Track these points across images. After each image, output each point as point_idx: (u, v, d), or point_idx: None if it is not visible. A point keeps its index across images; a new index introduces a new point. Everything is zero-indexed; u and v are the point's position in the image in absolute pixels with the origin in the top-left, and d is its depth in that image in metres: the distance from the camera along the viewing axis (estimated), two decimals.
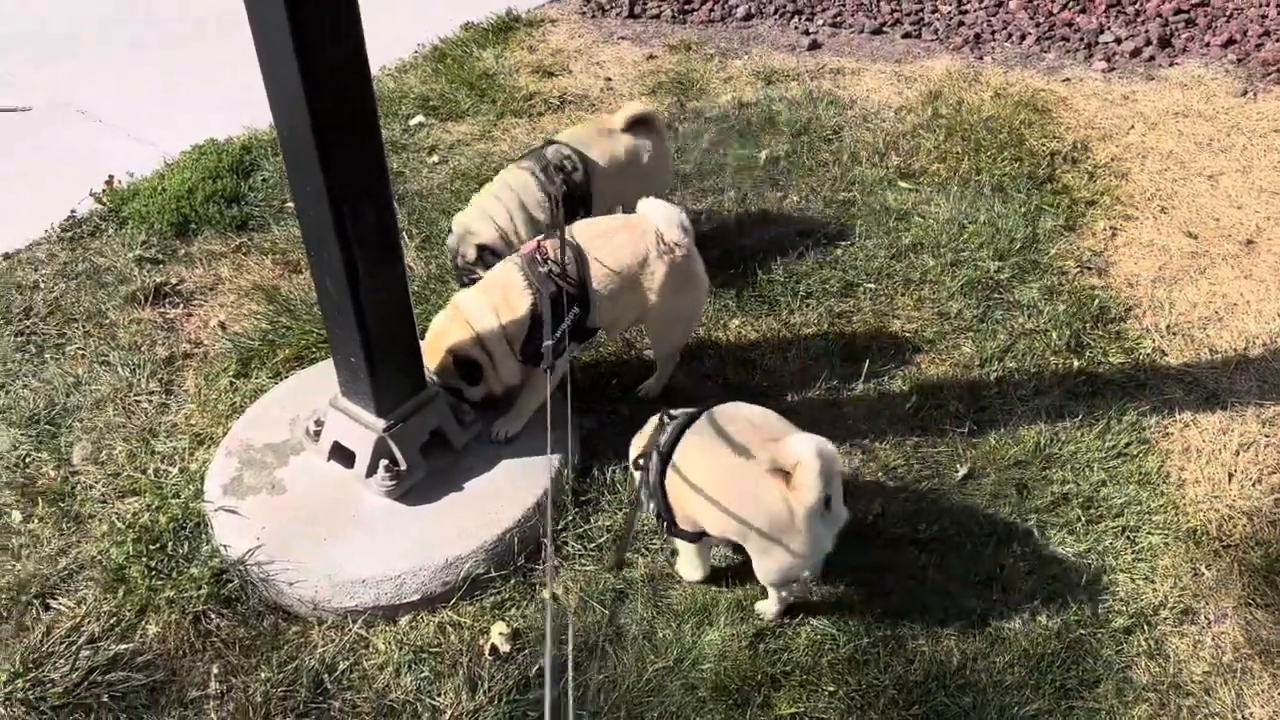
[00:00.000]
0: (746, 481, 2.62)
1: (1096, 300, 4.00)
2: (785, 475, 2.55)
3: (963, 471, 3.32)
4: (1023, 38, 5.95)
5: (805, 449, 2.51)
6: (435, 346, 3.25)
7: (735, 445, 2.68)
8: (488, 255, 3.60)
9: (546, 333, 3.06)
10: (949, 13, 6.23)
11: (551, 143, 3.84)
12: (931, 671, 2.77)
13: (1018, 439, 3.43)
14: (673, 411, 2.90)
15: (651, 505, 2.87)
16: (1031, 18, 6.12)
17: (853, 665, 2.79)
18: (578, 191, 3.75)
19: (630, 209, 3.87)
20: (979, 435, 3.46)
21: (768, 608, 2.88)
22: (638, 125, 3.89)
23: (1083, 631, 2.88)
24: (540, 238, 3.31)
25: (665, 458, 2.79)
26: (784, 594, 2.84)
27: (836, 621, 2.89)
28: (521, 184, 3.70)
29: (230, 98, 5.21)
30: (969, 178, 4.68)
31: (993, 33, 6.02)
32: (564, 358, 3.26)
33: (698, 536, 2.81)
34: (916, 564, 3.05)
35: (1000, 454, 3.38)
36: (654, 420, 2.93)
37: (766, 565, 2.71)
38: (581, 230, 3.30)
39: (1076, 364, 3.72)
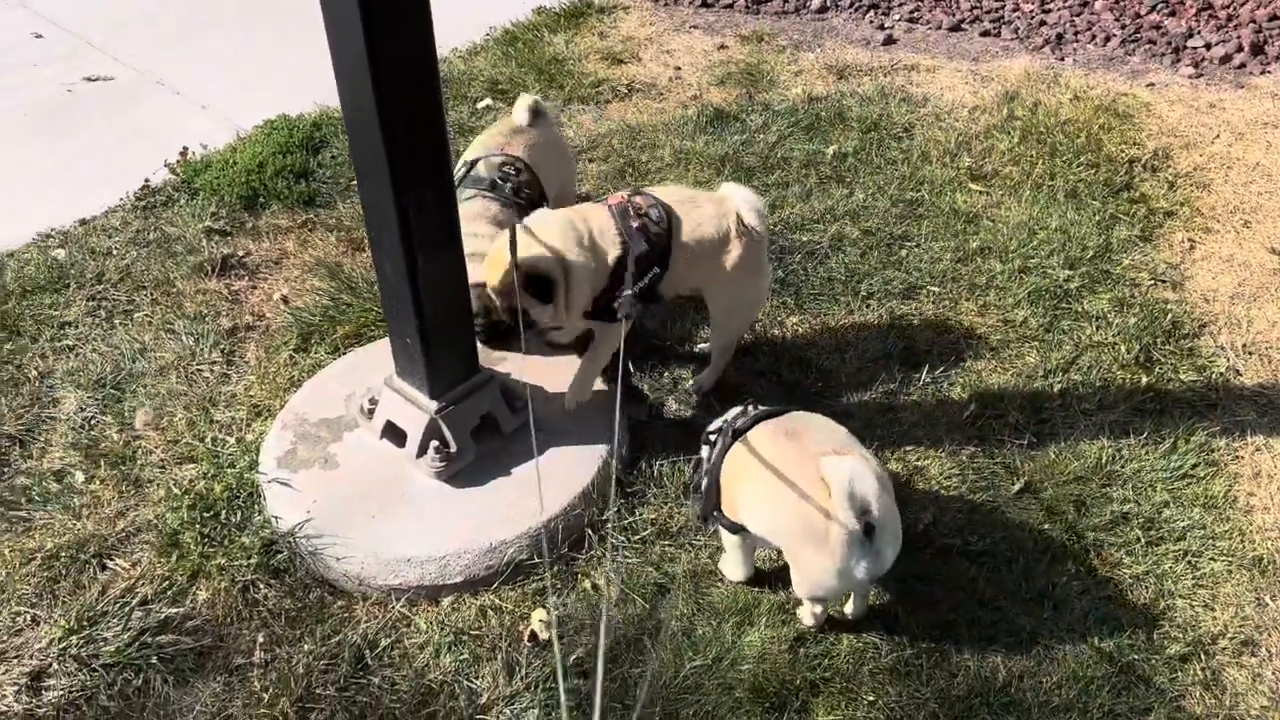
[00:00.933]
0: (797, 480, 2.59)
1: (1169, 314, 3.87)
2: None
3: (1019, 484, 3.24)
4: (1107, 39, 5.77)
5: (835, 470, 2.48)
6: (502, 257, 3.00)
7: (802, 448, 2.66)
8: None
9: (628, 283, 3.04)
10: (1031, 11, 6.07)
11: (472, 165, 3.62)
12: (975, 687, 2.72)
13: (1078, 454, 3.34)
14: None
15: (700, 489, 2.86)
16: (1117, 19, 5.93)
17: (894, 675, 2.75)
18: (536, 190, 3.61)
19: (562, 197, 3.82)
20: (1038, 448, 3.37)
21: (803, 615, 2.85)
22: (536, 116, 3.80)
23: (1136, 656, 2.79)
24: (627, 191, 3.28)
25: (736, 435, 2.79)
26: (816, 609, 2.80)
27: (880, 630, 2.84)
28: (480, 210, 3.47)
29: (304, 74, 5.27)
30: (1042, 182, 4.56)
31: (1075, 33, 5.85)
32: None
33: (736, 529, 2.79)
34: (966, 576, 2.98)
35: (1059, 469, 3.29)
36: (738, 408, 2.94)
37: (797, 573, 2.68)
38: (666, 195, 3.30)
39: (1145, 380, 3.61)
